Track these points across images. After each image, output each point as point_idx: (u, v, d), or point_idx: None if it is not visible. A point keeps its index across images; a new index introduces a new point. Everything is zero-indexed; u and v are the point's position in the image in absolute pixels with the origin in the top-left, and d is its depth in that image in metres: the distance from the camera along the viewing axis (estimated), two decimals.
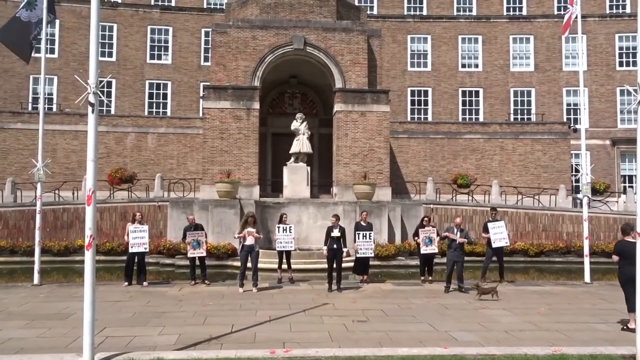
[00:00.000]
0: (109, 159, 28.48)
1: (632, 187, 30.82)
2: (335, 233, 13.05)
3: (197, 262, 14.17)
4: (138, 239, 13.67)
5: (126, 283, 13.69)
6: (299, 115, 23.91)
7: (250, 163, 23.31)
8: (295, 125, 23.52)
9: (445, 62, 33.96)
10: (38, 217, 13.85)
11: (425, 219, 14.71)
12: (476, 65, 34.05)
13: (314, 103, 28.19)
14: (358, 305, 11.17)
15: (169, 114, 32.65)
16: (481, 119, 33.35)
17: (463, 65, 34.04)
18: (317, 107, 28.09)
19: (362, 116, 23.64)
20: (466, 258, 17.25)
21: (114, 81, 32.58)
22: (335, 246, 13.00)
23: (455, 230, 13.05)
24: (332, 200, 22.85)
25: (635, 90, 8.07)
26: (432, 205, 23.57)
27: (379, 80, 25.05)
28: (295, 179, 23.30)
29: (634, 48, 33.67)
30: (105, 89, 29.25)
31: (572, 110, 33.69)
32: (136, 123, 29.22)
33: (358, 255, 13.73)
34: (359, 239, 13.71)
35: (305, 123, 23.66)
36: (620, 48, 33.61)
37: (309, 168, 23.67)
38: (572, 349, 7.47)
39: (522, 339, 8.33)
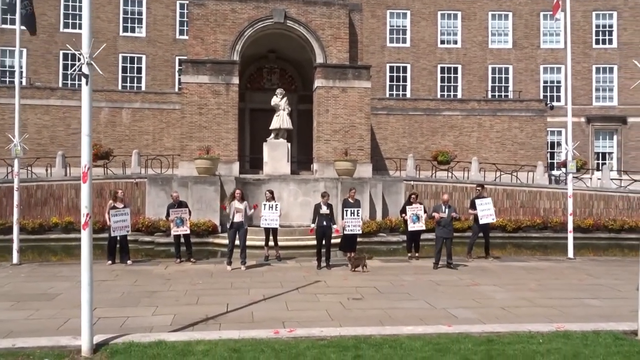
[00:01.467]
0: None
1: (605, 163, 31.47)
2: (324, 210, 12.93)
3: (182, 240, 13.88)
4: (120, 222, 13.29)
5: (109, 262, 13.34)
6: (279, 90, 23.53)
7: (229, 139, 22.94)
8: (275, 100, 23.16)
9: (424, 38, 33.76)
10: (16, 194, 13.33)
11: (413, 195, 14.66)
12: (455, 42, 33.95)
13: (292, 78, 27.80)
14: (350, 282, 11.11)
15: (143, 88, 31.75)
16: (459, 95, 33.42)
17: (442, 42, 33.87)
18: (296, 82, 27.71)
19: (343, 92, 23.41)
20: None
21: None
22: (324, 223, 12.88)
23: (444, 207, 13.04)
24: (312, 177, 22.70)
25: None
26: (412, 182, 23.62)
27: (359, 55, 24.78)
28: (276, 155, 23.03)
29: (610, 26, 34.01)
30: (76, 62, 27.99)
31: (548, 88, 33.98)
32: (110, 98, 28.36)
33: (346, 232, 13.61)
34: (346, 215, 13.57)
35: (285, 99, 23.33)
36: (597, 26, 33.86)
37: (289, 144, 23.41)
38: (574, 325, 7.51)
39: (519, 315, 8.37)
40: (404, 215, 14.61)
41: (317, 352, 6.20)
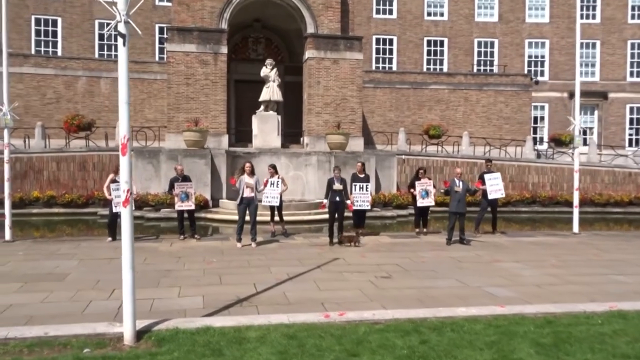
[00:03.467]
0: (58, 105, 26.46)
1: (586, 138, 31.83)
2: (337, 186, 12.53)
3: (186, 215, 13.29)
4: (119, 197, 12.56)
5: (110, 239, 12.65)
6: (268, 61, 22.84)
7: (218, 111, 22.24)
8: (265, 71, 22.48)
9: (411, 9, 33.18)
10: (6, 167, 12.47)
11: (421, 171, 14.35)
12: (441, 14, 33.47)
13: (278, 49, 27.02)
14: (369, 259, 10.79)
15: None
16: (445, 69, 33.12)
17: (428, 14, 33.35)
18: (282, 53, 26.95)
19: (334, 64, 22.88)
20: (436, 208, 17.32)
21: (59, 20, 29.83)
22: (337, 199, 12.50)
23: (457, 181, 12.79)
24: (304, 151, 22.22)
25: None
26: (404, 156, 23.39)
27: (350, 26, 24.17)
28: (266, 128, 22.44)
29: (594, 0, 34.08)
30: (50, 29, 26.52)
31: (533, 62, 33.98)
32: (87, 66, 27.07)
33: (355, 207, 13.27)
34: (355, 190, 13.23)
35: (275, 70, 22.69)
36: (582, 0, 33.84)
37: (279, 117, 22.81)
38: (626, 304, 7.35)
39: (559, 293, 8.18)
40: (412, 190, 14.32)
41: (380, 338, 5.85)
